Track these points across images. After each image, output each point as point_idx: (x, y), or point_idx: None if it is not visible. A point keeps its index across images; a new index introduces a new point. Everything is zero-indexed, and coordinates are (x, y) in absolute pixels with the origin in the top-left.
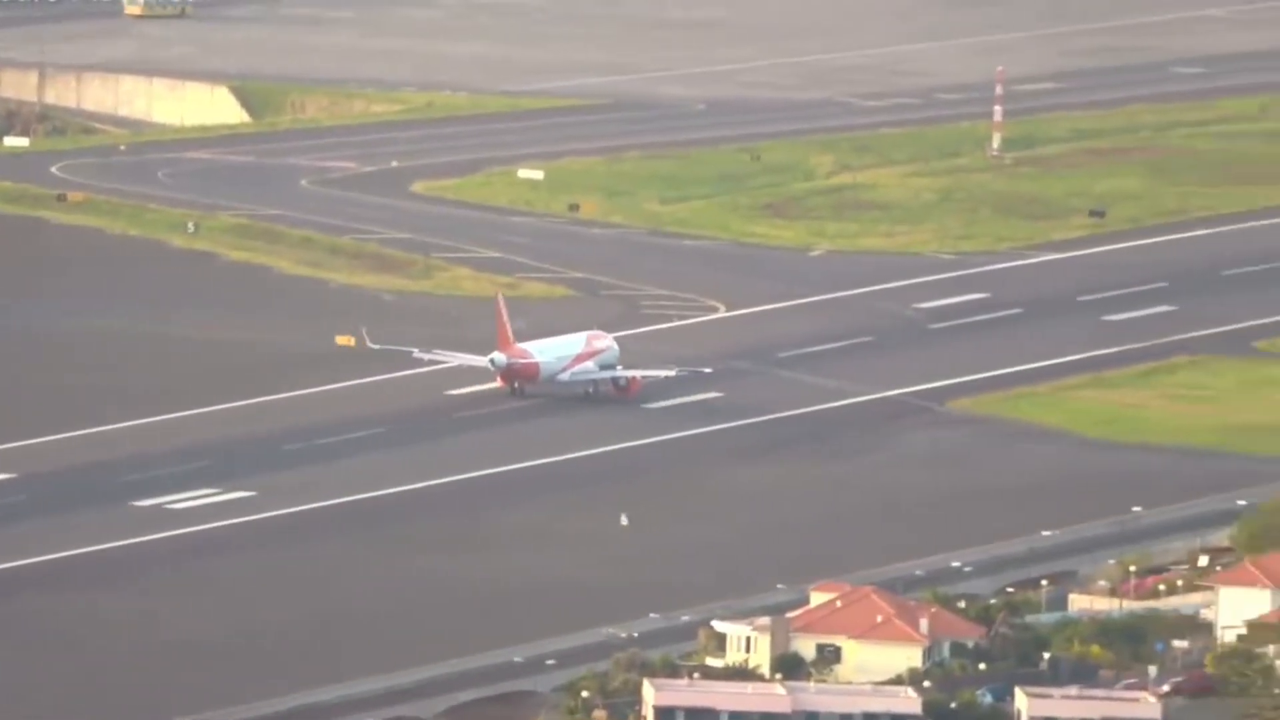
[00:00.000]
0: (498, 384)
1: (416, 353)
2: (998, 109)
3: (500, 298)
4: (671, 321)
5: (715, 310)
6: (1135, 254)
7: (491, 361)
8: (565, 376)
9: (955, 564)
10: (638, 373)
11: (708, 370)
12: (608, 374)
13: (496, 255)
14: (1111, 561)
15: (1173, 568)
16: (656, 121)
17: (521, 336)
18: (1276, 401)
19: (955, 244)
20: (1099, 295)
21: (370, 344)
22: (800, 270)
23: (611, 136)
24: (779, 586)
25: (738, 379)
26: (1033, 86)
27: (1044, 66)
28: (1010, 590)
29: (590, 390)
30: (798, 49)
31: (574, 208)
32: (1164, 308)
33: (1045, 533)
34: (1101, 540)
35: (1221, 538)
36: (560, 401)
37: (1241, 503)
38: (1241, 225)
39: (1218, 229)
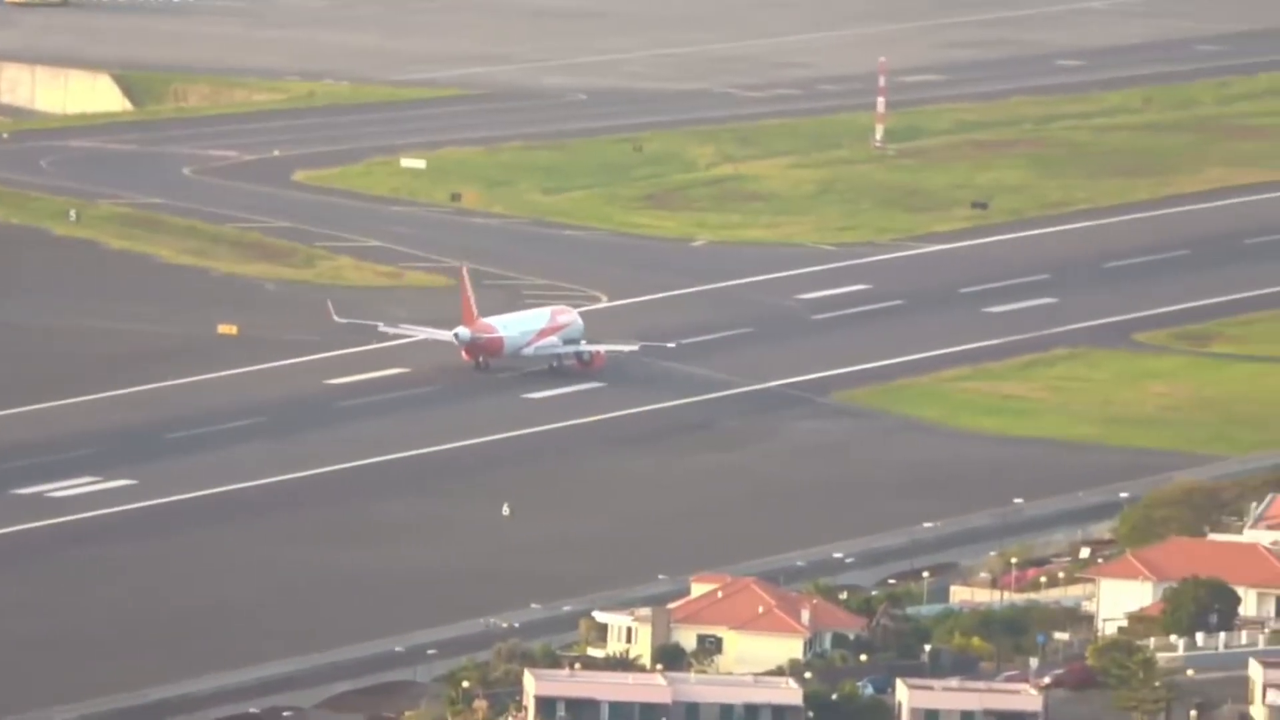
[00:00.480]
0: (464, 358)
1: (382, 326)
2: (880, 100)
3: (465, 272)
4: None
5: (597, 301)
6: (1017, 246)
7: (456, 336)
8: (530, 351)
9: (837, 555)
10: (601, 347)
11: (671, 345)
12: (572, 348)
13: (378, 245)
14: (993, 553)
15: (1054, 560)
16: (538, 111)
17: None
18: (1156, 394)
19: (837, 235)
20: (981, 287)
21: (336, 318)
22: (682, 261)
23: (493, 126)
24: (660, 577)
25: (620, 369)
26: (915, 78)
27: (927, 58)
28: (892, 582)
29: (555, 364)
30: (679, 39)
31: (455, 197)
32: (1045, 300)
33: (927, 524)
34: (983, 532)
35: (1103, 530)
36: (443, 391)
37: (1123, 495)
38: (1123, 218)
39: (1099, 221)
